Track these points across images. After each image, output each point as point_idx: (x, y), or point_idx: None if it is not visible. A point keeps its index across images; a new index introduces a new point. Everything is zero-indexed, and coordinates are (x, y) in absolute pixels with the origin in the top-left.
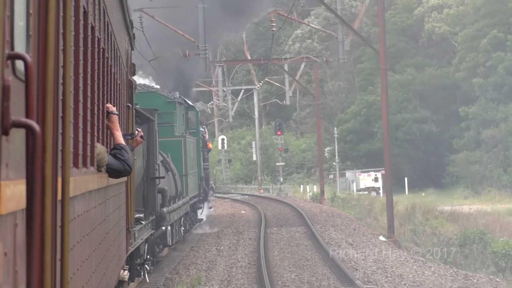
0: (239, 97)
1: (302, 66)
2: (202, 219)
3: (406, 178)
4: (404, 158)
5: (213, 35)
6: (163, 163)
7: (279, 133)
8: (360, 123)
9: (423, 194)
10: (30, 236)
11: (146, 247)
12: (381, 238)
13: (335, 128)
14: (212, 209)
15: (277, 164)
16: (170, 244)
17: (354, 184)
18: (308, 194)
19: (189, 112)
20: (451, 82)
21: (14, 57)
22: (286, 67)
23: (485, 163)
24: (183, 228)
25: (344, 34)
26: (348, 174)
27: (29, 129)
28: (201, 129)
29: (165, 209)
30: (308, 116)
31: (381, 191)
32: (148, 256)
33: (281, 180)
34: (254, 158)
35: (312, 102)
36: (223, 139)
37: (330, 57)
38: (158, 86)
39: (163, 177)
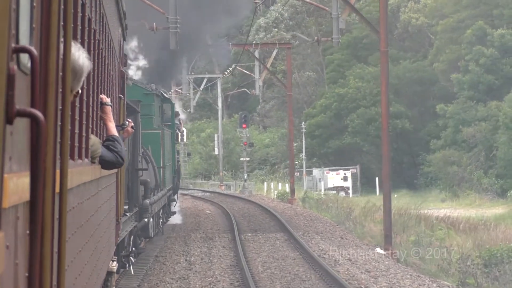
0: (202, 87)
1: (274, 53)
2: (175, 212)
3: (377, 178)
4: (374, 156)
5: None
6: (143, 155)
7: (244, 126)
8: (330, 117)
9: (395, 195)
10: (34, 229)
11: (131, 239)
12: (379, 250)
13: (303, 123)
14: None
15: (241, 159)
16: (152, 236)
17: (322, 183)
18: (273, 193)
19: (164, 105)
20: (427, 77)
21: (20, 50)
22: (256, 54)
23: (464, 164)
24: (161, 220)
25: (339, 10)
26: (315, 172)
27: (33, 119)
28: (176, 121)
29: (147, 201)
30: (273, 109)
31: (350, 191)
32: (133, 248)
33: (245, 176)
34: (216, 152)
35: (278, 95)
36: (182, 131)
37: (322, 36)
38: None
39: (146, 169)
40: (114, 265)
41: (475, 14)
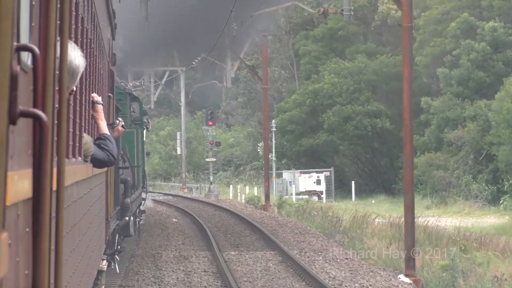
0: (163, 80)
1: (248, 43)
2: (145, 211)
3: (353, 182)
4: (350, 158)
5: None
6: (122, 154)
7: (210, 123)
8: (304, 113)
9: (373, 201)
10: (37, 227)
11: (117, 237)
12: (402, 278)
13: (273, 121)
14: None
15: (207, 160)
16: (132, 234)
17: (293, 186)
18: (241, 197)
19: (133, 103)
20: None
21: (22, 48)
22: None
23: (451, 168)
24: (138, 219)
25: None
26: (286, 174)
27: (36, 119)
28: (144, 120)
29: (128, 200)
30: (240, 106)
31: (324, 196)
32: (118, 247)
33: (211, 179)
34: (178, 152)
35: (244, 91)
36: (150, 130)
37: (330, 8)
38: None
39: (128, 168)
40: (104, 264)
41: (461, 5)
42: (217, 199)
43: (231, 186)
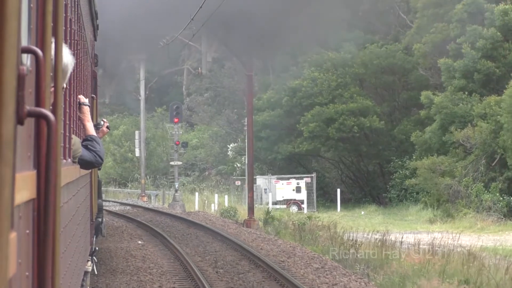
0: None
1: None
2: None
3: (338, 190)
4: (333, 163)
5: None
6: None
7: (176, 120)
8: (279, 115)
9: (362, 212)
10: (45, 228)
11: (94, 238)
12: None
13: (246, 119)
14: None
15: (172, 163)
16: (104, 235)
17: (270, 194)
18: (210, 207)
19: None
20: (399, 64)
21: (26, 51)
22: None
23: (459, 174)
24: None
25: None
26: (260, 180)
27: (44, 119)
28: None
29: (100, 200)
30: (205, 102)
31: (305, 206)
32: (96, 248)
33: (177, 186)
34: (137, 154)
35: (210, 85)
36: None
37: None
38: None
39: (100, 169)
40: (89, 265)
41: None
42: (184, 209)
43: (196, 193)
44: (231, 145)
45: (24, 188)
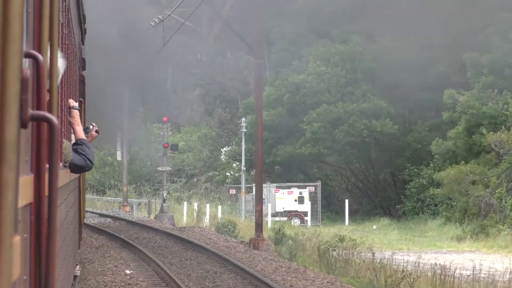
0: None
1: None
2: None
3: (347, 201)
4: (336, 169)
5: None
6: None
7: (165, 118)
8: (280, 115)
9: (374, 226)
10: (50, 231)
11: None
12: None
13: (243, 119)
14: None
15: (159, 169)
16: (81, 240)
17: (269, 205)
18: (202, 219)
19: None
20: (415, 60)
21: (27, 55)
22: None
23: (492, 185)
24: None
25: None
26: None
27: (47, 122)
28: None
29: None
30: (195, 101)
31: (308, 218)
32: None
33: (165, 195)
34: (119, 158)
35: (201, 81)
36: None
37: None
38: None
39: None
40: (78, 269)
41: None
42: (173, 222)
43: (185, 203)
44: (224, 149)
45: (22, 192)
